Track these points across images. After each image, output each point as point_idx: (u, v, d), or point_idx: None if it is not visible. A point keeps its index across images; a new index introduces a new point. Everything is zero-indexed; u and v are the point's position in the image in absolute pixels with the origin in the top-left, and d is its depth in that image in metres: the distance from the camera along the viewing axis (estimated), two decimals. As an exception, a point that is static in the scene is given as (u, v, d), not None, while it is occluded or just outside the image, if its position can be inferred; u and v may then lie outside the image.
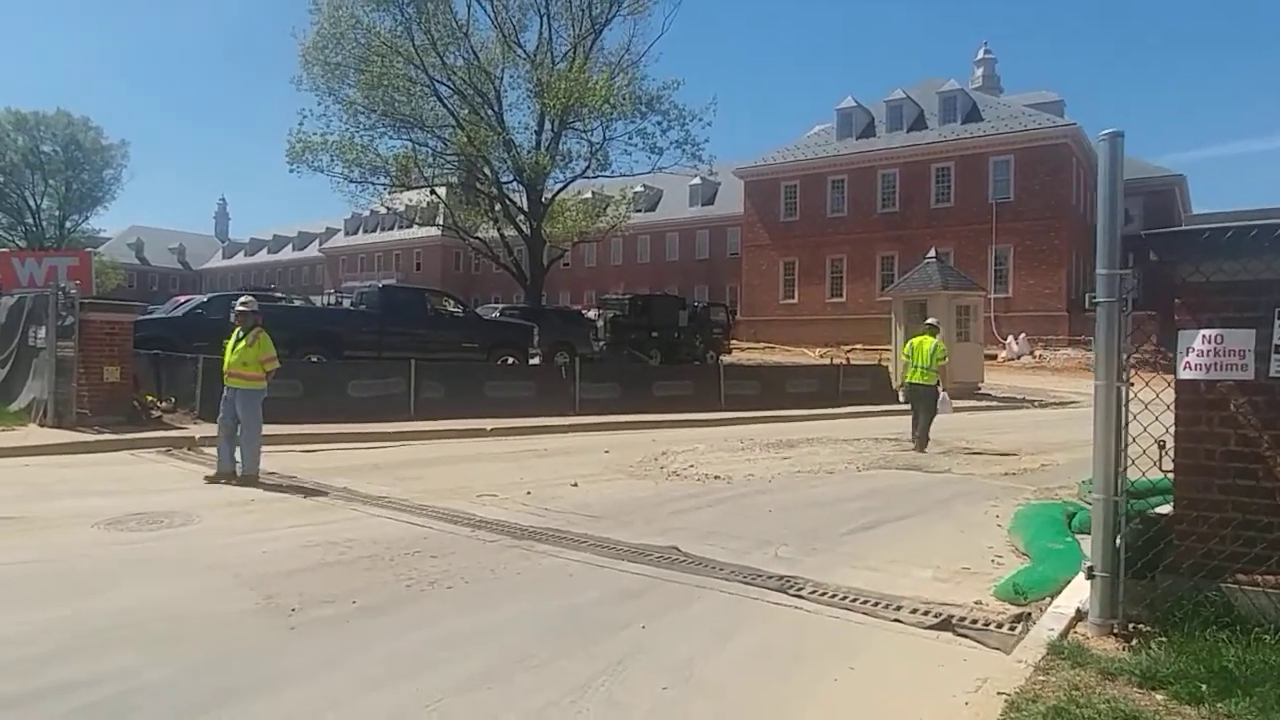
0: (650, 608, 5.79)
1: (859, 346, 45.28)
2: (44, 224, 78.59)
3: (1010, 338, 45.84)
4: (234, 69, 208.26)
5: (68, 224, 80.00)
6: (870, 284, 52.58)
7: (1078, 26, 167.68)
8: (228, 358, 10.78)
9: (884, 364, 30.75)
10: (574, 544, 7.54)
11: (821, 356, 39.58)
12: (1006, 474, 12.40)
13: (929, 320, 16.76)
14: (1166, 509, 5.25)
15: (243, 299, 11.41)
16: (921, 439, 14.76)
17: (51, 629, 5.14)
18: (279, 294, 26.87)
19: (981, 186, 50.38)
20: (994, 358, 40.66)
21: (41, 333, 15.01)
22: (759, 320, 57.16)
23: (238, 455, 10.54)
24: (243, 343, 10.66)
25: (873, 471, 12.66)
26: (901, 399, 16.55)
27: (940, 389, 14.98)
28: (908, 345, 15.90)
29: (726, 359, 35.63)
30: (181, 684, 4.39)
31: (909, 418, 15.42)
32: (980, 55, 66.95)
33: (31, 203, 78.59)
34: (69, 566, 6.62)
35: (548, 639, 5.12)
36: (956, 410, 17.07)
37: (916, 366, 15.07)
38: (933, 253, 32.67)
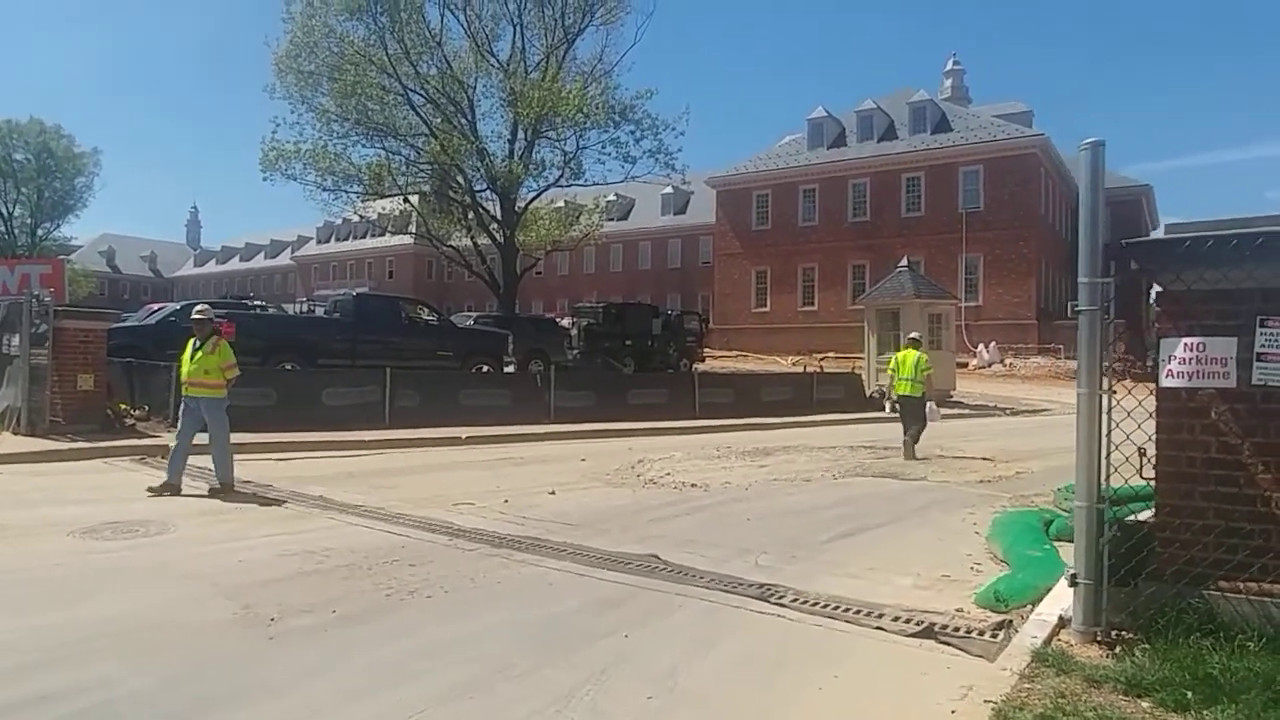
0: (631, 616, 5.76)
1: (831, 354, 45.46)
2: (16, 231, 78.55)
3: (981, 346, 46.19)
4: (207, 76, 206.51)
5: (40, 231, 79.77)
6: (842, 292, 53.00)
7: (1046, 39, 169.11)
8: (185, 367, 10.52)
9: (857, 372, 30.88)
10: (553, 552, 7.50)
11: (794, 364, 39.71)
12: (982, 481, 12.48)
13: (911, 335, 17.23)
14: (1146, 514, 5.28)
15: (198, 307, 11.19)
16: (909, 446, 14.91)
17: (37, 636, 5.10)
18: (258, 303, 26.50)
19: (951, 196, 50.80)
20: (965, 366, 40.95)
21: (15, 340, 14.83)
22: (731, 328, 57.31)
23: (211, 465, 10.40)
24: (200, 351, 10.40)
25: (849, 479, 12.71)
26: (887, 410, 16.85)
27: (927, 399, 15.42)
28: (892, 359, 16.44)
29: (700, 367, 35.73)
30: (164, 694, 4.35)
31: (882, 425, 15.66)
32: (949, 66, 67.46)
33: (4, 210, 78.57)
34: (48, 575, 6.55)
35: (529, 648, 5.08)
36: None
37: (903, 379, 15.51)
38: (904, 261, 32.76)
